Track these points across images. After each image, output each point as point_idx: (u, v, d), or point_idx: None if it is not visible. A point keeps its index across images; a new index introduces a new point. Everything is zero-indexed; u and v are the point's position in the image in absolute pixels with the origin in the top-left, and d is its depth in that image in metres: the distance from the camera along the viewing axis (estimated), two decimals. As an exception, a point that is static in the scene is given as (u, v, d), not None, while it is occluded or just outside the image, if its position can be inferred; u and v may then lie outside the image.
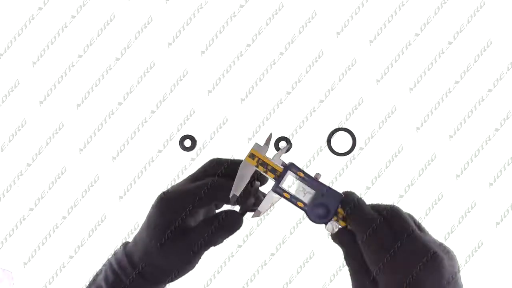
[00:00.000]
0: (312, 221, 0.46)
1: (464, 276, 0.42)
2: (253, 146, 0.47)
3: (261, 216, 0.47)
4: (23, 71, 0.82)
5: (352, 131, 0.81)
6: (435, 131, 0.80)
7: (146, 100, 0.81)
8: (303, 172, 0.47)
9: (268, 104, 0.81)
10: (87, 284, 0.49)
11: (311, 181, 0.47)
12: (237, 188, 0.46)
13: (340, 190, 0.46)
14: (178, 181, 0.48)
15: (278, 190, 0.46)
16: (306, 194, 0.46)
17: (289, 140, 0.81)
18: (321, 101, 0.81)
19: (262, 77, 0.81)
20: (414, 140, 0.80)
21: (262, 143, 0.48)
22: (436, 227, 0.80)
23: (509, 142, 0.80)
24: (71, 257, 0.81)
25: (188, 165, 0.80)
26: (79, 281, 0.81)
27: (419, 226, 0.45)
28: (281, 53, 0.81)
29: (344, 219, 0.46)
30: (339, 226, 0.46)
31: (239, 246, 0.77)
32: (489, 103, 0.80)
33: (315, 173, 0.47)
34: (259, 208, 0.47)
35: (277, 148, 0.81)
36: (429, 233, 0.45)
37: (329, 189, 0.46)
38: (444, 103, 0.80)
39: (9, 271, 0.82)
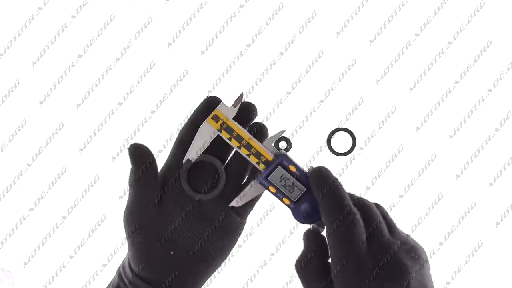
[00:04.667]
0: (298, 220, 0.42)
1: (465, 276, 0.41)
2: (218, 106, 0.41)
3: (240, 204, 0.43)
4: (23, 71, 0.82)
5: (352, 131, 0.81)
6: (435, 131, 0.80)
7: (146, 100, 0.81)
8: (296, 166, 0.42)
9: (268, 104, 0.81)
10: None
11: (303, 176, 0.42)
12: (192, 151, 0.42)
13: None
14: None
15: (264, 182, 0.42)
16: (295, 190, 0.42)
17: (289, 140, 0.81)
18: (321, 101, 0.81)
19: (262, 77, 0.81)
20: (414, 140, 0.80)
21: (229, 105, 0.42)
22: (436, 227, 0.80)
23: (509, 142, 0.80)
24: (71, 257, 0.81)
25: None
26: (79, 281, 0.81)
27: (389, 225, 0.41)
28: (281, 53, 0.81)
29: None
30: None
31: (239, 246, 0.77)
32: (489, 103, 0.80)
33: (309, 167, 0.42)
34: (238, 198, 0.42)
35: (277, 148, 0.81)
36: (399, 232, 0.41)
37: None
38: (444, 103, 0.80)
39: (9, 271, 0.82)
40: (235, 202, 0.43)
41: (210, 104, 0.43)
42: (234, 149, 0.43)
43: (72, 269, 0.81)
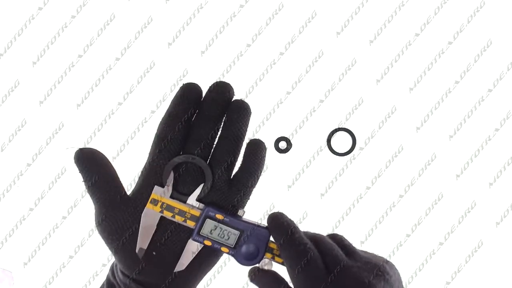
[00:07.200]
0: (242, 264, 0.42)
1: (465, 276, 0.41)
2: (154, 190, 0.43)
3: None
4: (23, 71, 0.82)
5: (352, 131, 0.81)
6: (435, 131, 0.80)
7: (146, 100, 0.81)
8: (223, 213, 0.42)
9: (268, 104, 0.81)
10: None
11: (234, 221, 0.42)
12: (143, 240, 0.42)
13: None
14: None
15: (197, 238, 0.42)
16: (230, 237, 0.42)
17: (289, 140, 0.81)
18: (321, 101, 0.81)
19: (262, 77, 0.81)
20: (414, 140, 0.80)
21: (164, 186, 0.43)
22: (436, 227, 0.80)
23: (509, 142, 0.80)
24: (71, 257, 0.81)
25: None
26: (79, 281, 0.81)
27: (348, 251, 0.41)
28: (281, 53, 0.81)
29: (279, 255, 0.41)
30: (268, 261, 0.42)
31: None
32: (489, 103, 0.80)
33: (238, 211, 0.43)
34: (180, 260, 0.42)
35: (276, 148, 0.81)
36: (360, 254, 0.41)
37: (255, 226, 0.42)
38: (444, 103, 0.80)
39: (9, 271, 0.82)
40: (179, 267, 0.43)
41: (187, 92, 0.43)
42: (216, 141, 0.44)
43: (72, 269, 0.81)
